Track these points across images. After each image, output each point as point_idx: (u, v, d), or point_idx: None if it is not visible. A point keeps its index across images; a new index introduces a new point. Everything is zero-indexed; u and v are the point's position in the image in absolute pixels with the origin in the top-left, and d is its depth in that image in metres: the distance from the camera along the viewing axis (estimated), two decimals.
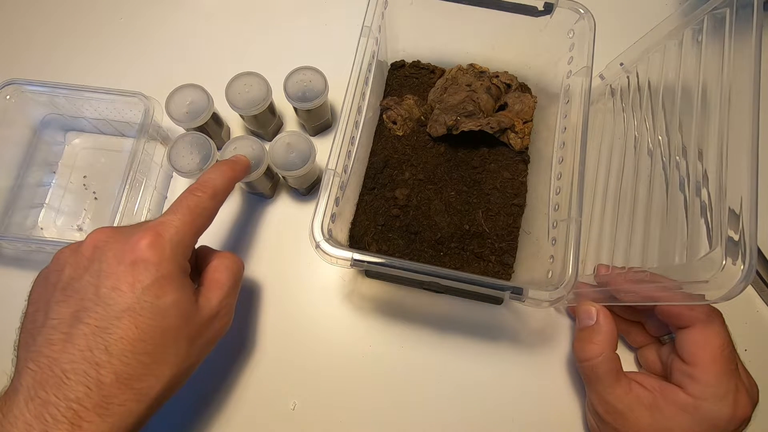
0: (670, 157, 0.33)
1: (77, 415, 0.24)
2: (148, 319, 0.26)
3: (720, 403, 0.29)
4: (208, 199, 0.31)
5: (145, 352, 0.26)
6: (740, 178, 0.25)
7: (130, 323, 0.26)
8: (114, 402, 0.25)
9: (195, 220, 0.30)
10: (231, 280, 0.32)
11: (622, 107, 0.41)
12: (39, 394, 0.24)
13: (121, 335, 0.26)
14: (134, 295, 0.26)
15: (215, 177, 0.32)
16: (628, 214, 0.35)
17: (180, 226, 0.29)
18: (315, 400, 0.37)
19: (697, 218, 0.28)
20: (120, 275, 0.27)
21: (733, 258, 0.24)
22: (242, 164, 0.36)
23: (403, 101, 0.43)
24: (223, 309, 0.31)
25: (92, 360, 0.25)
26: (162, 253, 0.27)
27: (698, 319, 0.31)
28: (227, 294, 0.31)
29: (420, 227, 0.39)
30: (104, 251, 0.28)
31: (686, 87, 0.32)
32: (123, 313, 0.26)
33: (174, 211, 0.30)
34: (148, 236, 0.27)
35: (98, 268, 0.27)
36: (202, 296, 0.30)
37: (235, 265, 0.33)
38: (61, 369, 0.25)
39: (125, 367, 0.25)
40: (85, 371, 0.25)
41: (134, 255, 0.27)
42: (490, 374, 0.38)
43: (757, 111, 0.25)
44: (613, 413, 0.32)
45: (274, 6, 0.51)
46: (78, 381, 0.24)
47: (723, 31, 0.28)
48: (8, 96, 0.40)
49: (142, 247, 0.27)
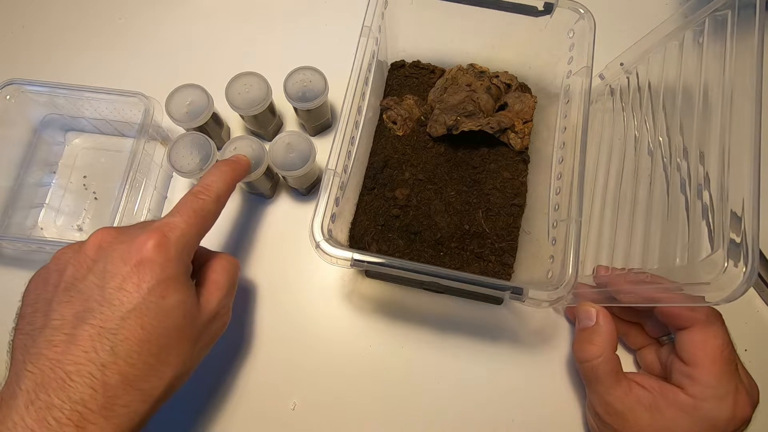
0: (671, 158, 0.33)
1: (83, 418, 0.24)
2: (154, 319, 0.26)
3: (720, 404, 0.29)
4: (212, 203, 0.31)
5: (151, 353, 0.26)
6: (742, 179, 0.25)
7: (136, 324, 0.26)
8: (119, 403, 0.25)
9: (199, 222, 0.30)
10: (229, 280, 0.32)
11: (621, 107, 0.41)
12: (40, 397, 0.24)
13: (127, 336, 0.25)
14: (140, 296, 0.26)
15: (217, 179, 0.32)
16: (628, 214, 0.35)
17: (185, 228, 0.29)
18: (315, 400, 0.37)
19: (698, 220, 0.28)
20: (126, 276, 0.26)
21: (735, 260, 0.24)
22: (243, 164, 0.36)
23: (403, 101, 0.43)
24: (222, 309, 0.31)
25: (97, 361, 0.25)
26: (167, 254, 0.27)
27: (698, 320, 0.31)
28: (225, 295, 0.31)
29: (420, 227, 0.39)
30: (109, 252, 0.27)
31: (687, 88, 0.32)
32: (129, 314, 0.26)
33: (179, 212, 0.30)
34: (155, 237, 0.27)
35: (103, 269, 0.27)
36: (202, 297, 0.30)
37: (231, 266, 0.33)
38: (64, 371, 0.24)
39: (131, 368, 0.25)
40: (90, 372, 0.24)
41: (140, 255, 0.27)
42: (489, 374, 0.38)
43: (759, 112, 0.25)
44: (613, 414, 0.32)
45: (274, 6, 0.51)
46: (83, 383, 0.24)
47: (724, 32, 0.28)
48: (8, 96, 0.40)
49: (149, 248, 0.27)
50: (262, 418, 0.37)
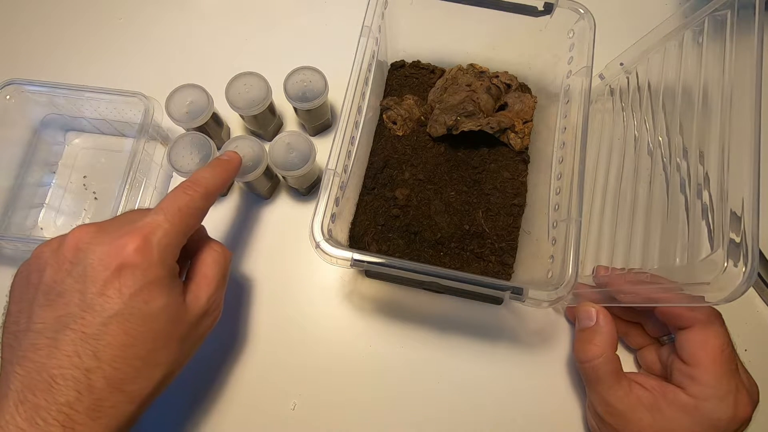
0: (671, 158, 0.33)
1: (69, 419, 0.24)
2: (138, 324, 0.26)
3: (720, 404, 0.29)
4: (200, 199, 0.30)
5: (136, 357, 0.26)
6: (742, 179, 0.25)
7: (119, 329, 0.25)
8: (105, 405, 0.25)
9: (184, 220, 0.29)
10: (219, 274, 0.31)
11: (621, 107, 0.41)
12: (28, 397, 0.24)
13: (110, 341, 0.25)
14: (122, 301, 0.25)
15: (208, 176, 0.32)
16: (627, 214, 0.35)
17: (169, 228, 0.28)
18: (315, 400, 0.37)
19: (698, 220, 0.28)
20: (106, 280, 0.25)
21: (735, 260, 0.24)
22: (235, 163, 0.35)
23: (403, 101, 0.43)
24: (213, 305, 0.30)
25: (81, 366, 0.24)
26: (150, 258, 0.26)
27: (698, 319, 0.31)
28: (216, 290, 0.30)
29: (420, 227, 0.39)
30: (87, 254, 0.26)
31: (687, 88, 0.32)
32: (111, 320, 0.25)
33: (163, 210, 0.28)
34: (135, 240, 0.26)
35: (82, 272, 0.26)
36: (191, 293, 0.29)
37: (223, 258, 0.32)
38: (48, 374, 0.24)
39: (116, 372, 0.25)
40: (74, 376, 0.24)
41: (120, 259, 0.26)
42: (490, 374, 0.38)
43: (758, 112, 0.25)
44: (614, 414, 0.32)
45: (274, 6, 0.51)
46: (68, 386, 0.24)
47: (724, 32, 0.28)
48: (8, 96, 0.40)
49: (130, 251, 0.26)
50: (262, 418, 0.37)
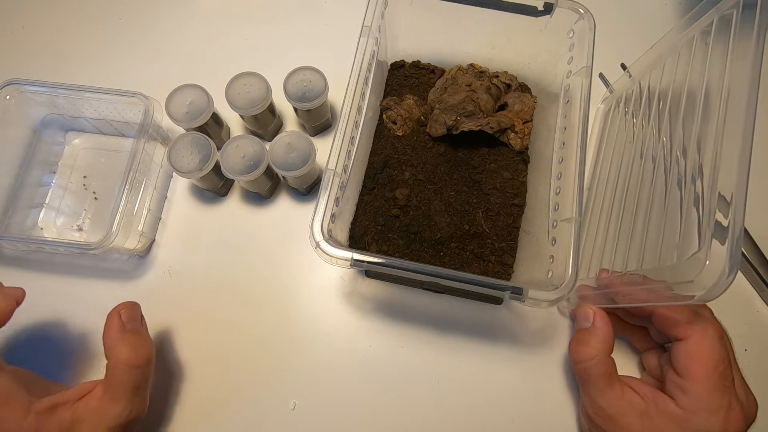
0: (671, 157, 0.33)
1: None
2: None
3: (710, 419, 0.29)
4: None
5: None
6: (731, 175, 0.24)
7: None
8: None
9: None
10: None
11: (624, 111, 0.41)
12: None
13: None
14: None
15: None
16: (630, 217, 0.35)
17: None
18: (315, 400, 0.37)
19: (692, 219, 0.28)
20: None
21: (717, 257, 0.24)
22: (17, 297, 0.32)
23: (403, 101, 0.43)
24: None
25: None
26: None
27: (694, 332, 0.30)
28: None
29: (420, 227, 0.39)
30: None
31: (691, 92, 0.32)
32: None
33: None
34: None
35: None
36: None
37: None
38: None
39: None
40: None
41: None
42: (489, 374, 0.38)
43: (752, 113, 0.25)
44: (603, 416, 0.31)
45: (274, 6, 0.51)
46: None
47: (728, 33, 0.28)
48: (8, 96, 0.40)
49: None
50: (262, 418, 0.37)
